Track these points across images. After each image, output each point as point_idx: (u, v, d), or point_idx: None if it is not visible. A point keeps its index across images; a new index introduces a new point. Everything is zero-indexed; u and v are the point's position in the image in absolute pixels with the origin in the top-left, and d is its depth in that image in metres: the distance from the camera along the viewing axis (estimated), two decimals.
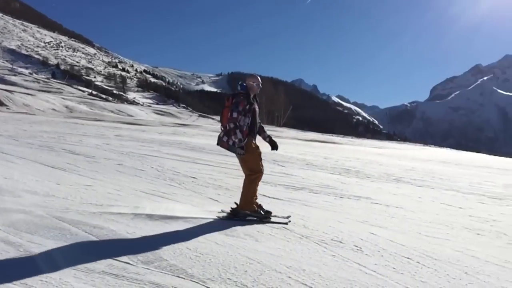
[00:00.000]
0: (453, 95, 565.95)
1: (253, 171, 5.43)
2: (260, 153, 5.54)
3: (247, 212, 5.41)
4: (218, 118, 13.59)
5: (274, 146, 5.88)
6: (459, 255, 4.63)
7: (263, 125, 5.96)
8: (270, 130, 35.85)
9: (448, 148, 38.20)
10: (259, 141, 5.68)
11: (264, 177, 5.70)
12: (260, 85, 5.61)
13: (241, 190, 5.53)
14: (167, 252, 3.94)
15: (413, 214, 6.69)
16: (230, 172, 9.69)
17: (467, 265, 4.30)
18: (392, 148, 27.83)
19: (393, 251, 4.50)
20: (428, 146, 39.32)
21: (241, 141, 5.28)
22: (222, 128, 5.45)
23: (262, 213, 5.49)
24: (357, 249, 4.47)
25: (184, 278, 3.36)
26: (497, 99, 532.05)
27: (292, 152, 15.18)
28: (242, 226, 5.06)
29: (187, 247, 4.13)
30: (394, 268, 3.98)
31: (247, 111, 5.40)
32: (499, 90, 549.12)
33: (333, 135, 42.06)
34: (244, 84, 5.53)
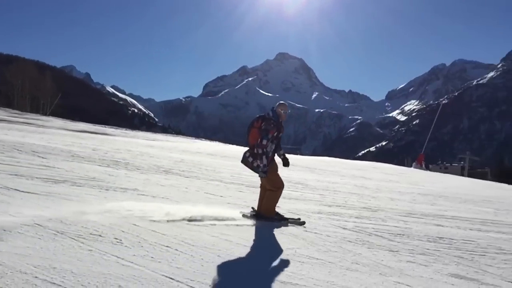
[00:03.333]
0: (223, 92, 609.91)
1: (275, 187, 6.28)
2: (277, 167, 6.38)
3: (268, 216, 6.31)
4: None
5: (286, 163, 6.63)
6: (214, 240, 4.98)
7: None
8: (34, 118, 32.48)
9: (217, 142, 40.97)
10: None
11: (19, 170, 5.14)
12: (288, 111, 6.36)
13: None
14: None
15: (178, 204, 6.91)
16: None
17: (220, 248, 4.66)
18: (165, 140, 28.38)
19: (153, 241, 4.56)
20: (200, 139, 41.49)
21: (265, 166, 6.08)
22: (249, 147, 6.17)
23: (276, 217, 6.40)
24: (117, 242, 4.38)
25: None
26: (259, 98, 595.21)
27: (56, 143, 14.01)
28: None
29: None
30: (152, 257, 4.03)
31: (274, 138, 6.13)
32: (261, 91, 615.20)
33: (106, 126, 40.56)
34: (274, 109, 6.26)
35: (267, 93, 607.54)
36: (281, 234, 5.78)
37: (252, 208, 6.73)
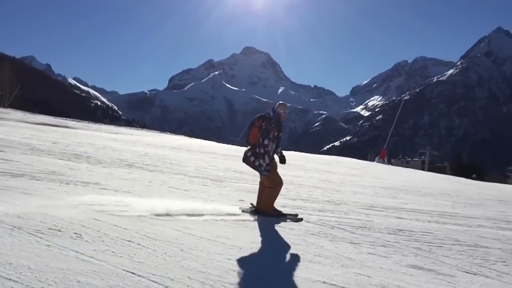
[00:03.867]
0: (188, 86, 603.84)
1: (274, 184, 6.44)
2: (276, 165, 6.60)
3: (267, 212, 6.48)
4: None
5: (283, 160, 6.92)
6: (178, 234, 4.94)
7: None
8: None
9: (183, 135, 40.62)
10: None
11: None
12: (287, 111, 6.52)
13: None
14: None
15: (142, 198, 6.82)
16: None
17: (183, 242, 4.63)
18: (129, 134, 27.91)
19: (115, 236, 4.48)
20: (165, 133, 41.01)
21: (268, 165, 6.26)
22: (249, 146, 6.38)
23: (275, 213, 6.54)
24: (77, 237, 4.28)
25: None
26: (226, 92, 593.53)
27: (15, 136, 13.56)
28: None
29: None
30: (113, 252, 3.96)
31: (275, 138, 6.29)
32: (227, 85, 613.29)
33: (68, 119, 39.50)
34: (275, 109, 6.39)
35: (233, 87, 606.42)
36: (245, 228, 5.80)
37: (251, 204, 6.90)
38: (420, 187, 15.08)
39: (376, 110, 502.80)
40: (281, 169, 6.80)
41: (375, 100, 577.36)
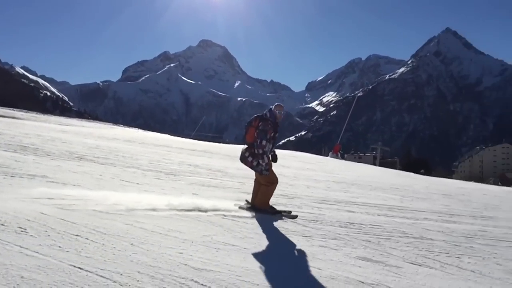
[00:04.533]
0: (143, 78, 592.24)
1: (270, 182, 6.66)
2: (271, 164, 6.74)
3: (263, 209, 6.67)
4: None
5: (274, 159, 6.91)
6: (128, 228, 4.84)
7: None
8: None
9: (137, 128, 39.85)
10: None
11: None
12: (283, 112, 6.68)
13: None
14: None
15: (92, 192, 6.64)
16: None
17: (134, 236, 4.54)
18: (80, 126, 27.08)
19: (61, 230, 4.33)
20: (118, 125, 40.09)
21: (267, 165, 6.54)
22: (246, 144, 6.61)
23: (270, 210, 6.73)
24: (22, 231, 4.11)
25: None
26: (181, 85, 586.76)
27: None
28: None
29: None
30: (60, 247, 3.83)
31: (272, 138, 6.50)
32: (183, 77, 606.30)
33: (15, 109, 37.84)
34: (272, 110, 6.60)
35: (189, 80, 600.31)
36: (198, 221, 5.76)
37: (246, 200, 7.10)
38: (371, 181, 15.49)
39: (331, 106, 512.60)
40: (237, 163, 6.82)
41: (330, 96, 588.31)
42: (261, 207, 6.74)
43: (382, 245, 5.88)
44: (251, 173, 6.93)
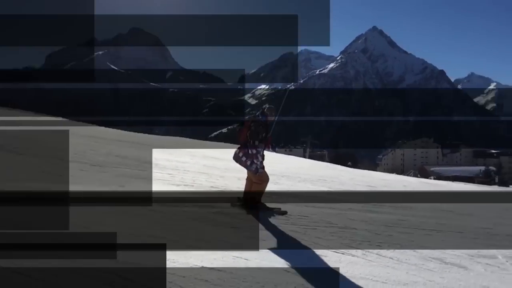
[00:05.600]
0: (69, 65, 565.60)
1: (261, 180, 6.95)
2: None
3: (255, 205, 6.97)
4: None
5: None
6: None
7: None
8: None
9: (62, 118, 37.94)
10: None
11: None
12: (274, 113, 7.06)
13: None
14: None
15: (6, 183, 6.27)
16: None
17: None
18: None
19: None
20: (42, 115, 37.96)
21: (261, 164, 6.88)
22: (239, 144, 6.90)
23: (262, 206, 7.06)
24: None
25: None
26: (110, 74, 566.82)
27: None
28: None
29: None
30: None
31: (263, 139, 6.80)
32: (112, 66, 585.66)
33: None
34: (265, 110, 7.00)
35: (118, 69, 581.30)
36: (125, 214, 5.62)
37: (238, 198, 7.36)
38: (300, 173, 15.89)
39: (263, 99, 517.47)
40: (167, 155, 6.71)
41: (262, 89, 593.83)
42: (253, 203, 7.05)
43: (308, 235, 6.05)
44: (181, 165, 6.88)
